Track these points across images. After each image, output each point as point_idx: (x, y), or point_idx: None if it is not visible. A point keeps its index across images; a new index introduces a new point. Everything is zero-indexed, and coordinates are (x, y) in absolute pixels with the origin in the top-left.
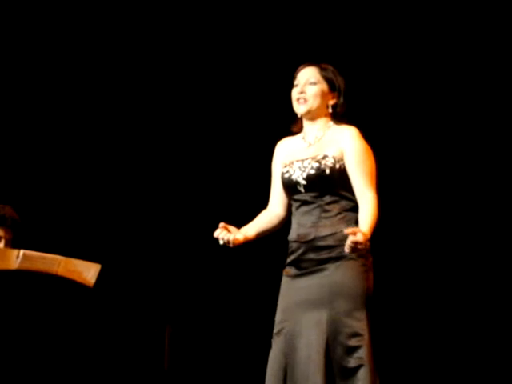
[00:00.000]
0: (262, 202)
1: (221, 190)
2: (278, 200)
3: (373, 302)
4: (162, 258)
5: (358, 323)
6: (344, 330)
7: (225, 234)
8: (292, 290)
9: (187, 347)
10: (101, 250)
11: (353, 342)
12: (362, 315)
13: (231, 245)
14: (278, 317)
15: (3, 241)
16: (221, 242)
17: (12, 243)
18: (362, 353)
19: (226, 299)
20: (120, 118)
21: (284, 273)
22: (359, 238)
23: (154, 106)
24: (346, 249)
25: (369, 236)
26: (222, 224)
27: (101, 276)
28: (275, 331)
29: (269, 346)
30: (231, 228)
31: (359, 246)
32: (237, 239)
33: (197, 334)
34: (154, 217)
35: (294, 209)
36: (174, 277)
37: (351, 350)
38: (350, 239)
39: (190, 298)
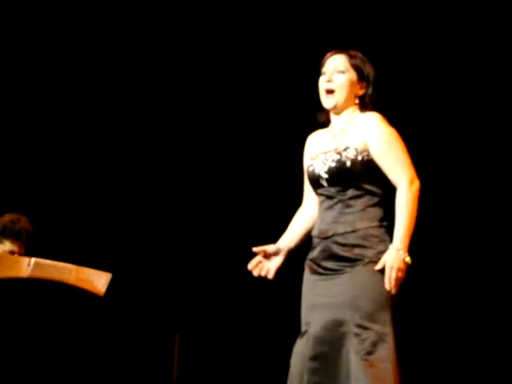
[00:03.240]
0: (279, 206)
1: (233, 200)
2: (311, 197)
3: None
4: (172, 267)
5: (382, 327)
6: (367, 334)
7: (258, 269)
8: (314, 289)
9: (197, 357)
10: (111, 259)
11: (376, 347)
12: (386, 318)
13: (270, 276)
14: (304, 314)
15: (16, 256)
16: (255, 274)
17: (24, 255)
18: (386, 356)
19: (236, 308)
20: (137, 128)
21: (306, 266)
22: (393, 274)
23: (169, 110)
24: (393, 288)
25: (403, 247)
26: (257, 250)
27: (111, 285)
28: (302, 330)
29: (281, 357)
30: (268, 249)
31: (399, 275)
32: (273, 267)
33: (207, 343)
34: (164, 226)
35: (319, 203)
36: (184, 286)
37: (373, 354)
38: (390, 280)
39: (199, 306)
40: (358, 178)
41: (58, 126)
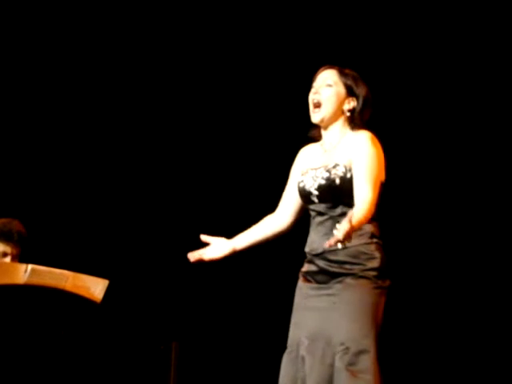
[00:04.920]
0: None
1: (229, 209)
2: (285, 206)
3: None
4: (169, 274)
5: (365, 339)
6: (350, 345)
7: (194, 254)
8: (305, 299)
9: (194, 365)
10: (108, 265)
11: (358, 358)
12: (370, 331)
13: (206, 260)
14: (292, 326)
15: (9, 257)
16: (191, 260)
17: (20, 258)
18: (367, 368)
19: (233, 315)
20: (133, 134)
21: (300, 276)
22: (338, 234)
23: (168, 118)
24: (328, 242)
25: (352, 225)
26: (204, 240)
27: (108, 292)
28: (287, 347)
29: (278, 364)
30: (213, 240)
31: (341, 236)
32: (210, 258)
33: (204, 351)
34: (162, 233)
35: (311, 218)
36: (181, 293)
37: (355, 365)
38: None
39: (196, 314)
40: (348, 195)
41: (56, 134)
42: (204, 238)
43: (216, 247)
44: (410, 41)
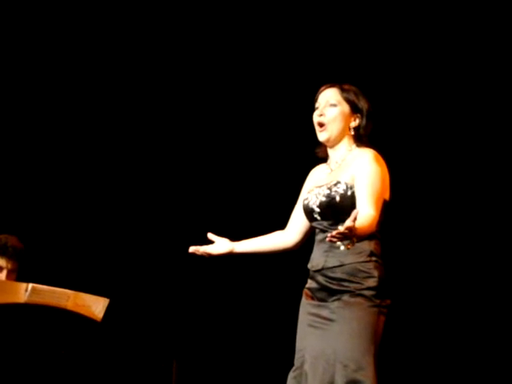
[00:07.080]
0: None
1: (229, 227)
2: (293, 225)
3: (380, 349)
4: (170, 292)
5: (362, 357)
6: (348, 363)
7: (196, 248)
8: (308, 316)
9: (194, 382)
10: (109, 284)
11: (356, 376)
12: (367, 349)
13: (205, 255)
14: (298, 342)
15: (5, 271)
16: (190, 250)
17: (18, 273)
18: None
19: (233, 333)
20: (136, 151)
21: (303, 293)
22: (341, 228)
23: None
24: (330, 235)
25: (355, 224)
26: (211, 238)
27: (109, 310)
28: (295, 361)
29: (277, 379)
30: (217, 239)
31: (343, 229)
32: (208, 252)
33: (204, 368)
34: (162, 252)
35: (315, 235)
36: (182, 311)
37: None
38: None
39: (197, 331)
40: (348, 212)
41: (53, 142)
42: (210, 236)
43: (217, 245)
44: (410, 53)
